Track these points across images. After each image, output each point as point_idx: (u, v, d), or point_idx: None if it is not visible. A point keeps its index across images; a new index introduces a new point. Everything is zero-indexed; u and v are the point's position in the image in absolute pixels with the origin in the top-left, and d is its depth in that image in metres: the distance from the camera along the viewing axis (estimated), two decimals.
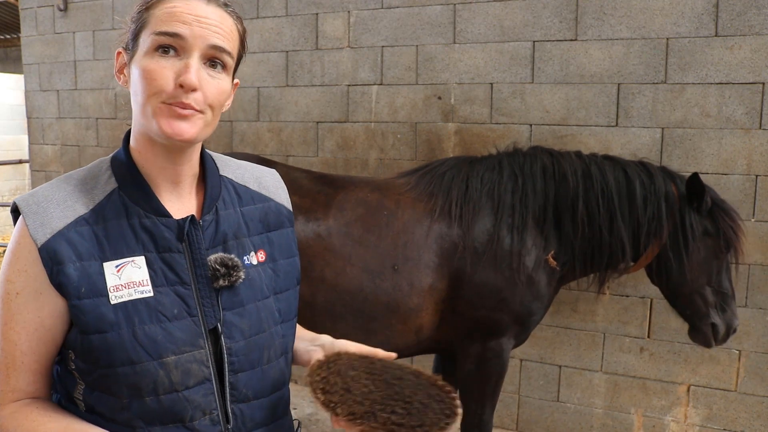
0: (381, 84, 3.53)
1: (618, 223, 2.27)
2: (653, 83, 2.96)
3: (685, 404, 3.06)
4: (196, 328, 0.95)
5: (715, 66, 2.85)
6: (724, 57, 2.83)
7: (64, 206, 0.94)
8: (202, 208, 1.01)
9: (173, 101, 0.90)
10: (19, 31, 5.29)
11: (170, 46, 0.90)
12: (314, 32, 3.72)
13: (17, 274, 0.92)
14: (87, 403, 0.95)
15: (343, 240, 2.30)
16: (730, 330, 2.32)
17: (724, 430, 3.00)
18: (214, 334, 0.97)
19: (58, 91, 4.82)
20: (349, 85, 3.64)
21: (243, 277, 0.99)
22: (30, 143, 5.05)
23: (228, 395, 0.97)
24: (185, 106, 0.90)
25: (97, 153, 4.66)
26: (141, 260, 0.93)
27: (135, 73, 0.93)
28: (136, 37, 0.94)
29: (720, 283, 2.30)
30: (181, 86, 0.89)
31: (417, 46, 3.44)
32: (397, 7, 3.46)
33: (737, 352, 2.94)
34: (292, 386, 3.96)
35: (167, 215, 0.96)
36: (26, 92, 5.01)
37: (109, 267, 0.92)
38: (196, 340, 0.95)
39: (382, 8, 3.50)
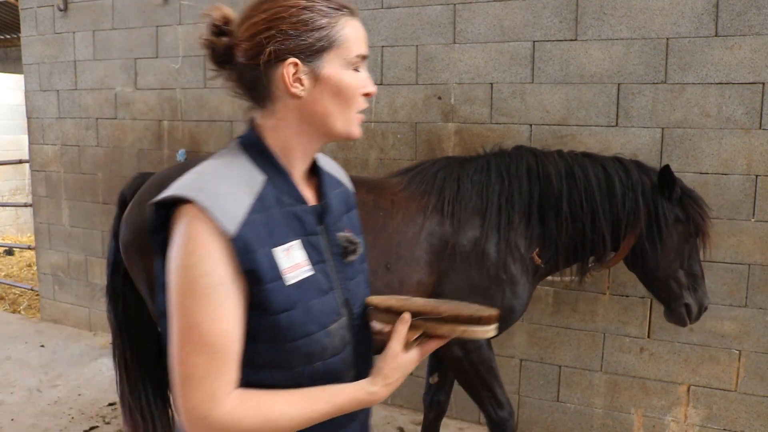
0: (381, 84, 3.53)
1: (600, 220, 2.40)
2: (653, 83, 2.96)
3: (685, 404, 3.06)
4: (338, 299, 1.09)
5: (715, 66, 2.85)
6: (724, 57, 2.83)
7: (234, 198, 0.98)
8: (318, 194, 1.15)
9: (361, 109, 1.09)
10: (19, 31, 5.28)
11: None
12: None
13: (214, 266, 0.94)
14: (248, 381, 1.01)
15: None
16: (701, 309, 2.49)
17: (724, 430, 3.00)
18: (345, 303, 1.11)
19: (58, 91, 4.82)
20: None
21: (360, 251, 1.16)
22: (30, 143, 5.06)
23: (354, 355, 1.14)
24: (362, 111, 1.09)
25: (96, 153, 4.66)
26: (298, 244, 1.04)
27: (332, 85, 1.04)
28: (320, 52, 1.03)
29: (691, 265, 2.47)
30: (367, 95, 1.08)
31: (417, 46, 3.44)
32: (397, 7, 3.46)
33: (737, 352, 2.95)
34: None
35: (306, 202, 1.09)
36: (26, 92, 5.01)
37: (279, 252, 1.01)
38: (340, 309, 1.09)
39: (382, 8, 3.50)
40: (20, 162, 5.87)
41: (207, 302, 0.94)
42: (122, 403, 2.83)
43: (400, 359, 1.04)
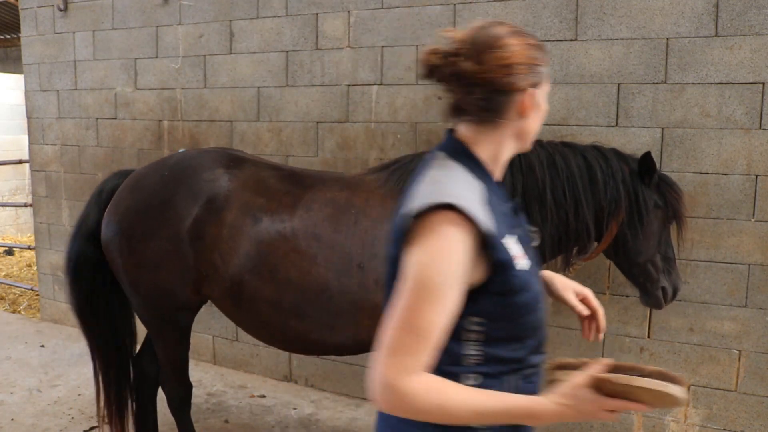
0: (381, 84, 3.53)
1: (583, 208, 2.43)
2: (653, 83, 2.96)
3: (685, 404, 3.06)
4: (541, 282, 1.31)
5: (715, 66, 2.85)
6: (724, 57, 2.83)
7: (475, 203, 1.15)
8: None
9: None
10: (19, 31, 5.29)
11: None
12: (314, 32, 3.72)
13: (454, 266, 1.11)
14: (483, 354, 1.20)
15: (308, 242, 2.35)
16: (676, 291, 2.57)
17: (724, 430, 3.00)
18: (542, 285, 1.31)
19: (58, 91, 4.82)
20: (349, 85, 3.64)
21: (537, 242, 1.39)
22: (30, 143, 5.06)
23: None
24: None
25: (96, 153, 4.66)
26: (514, 237, 1.22)
27: (542, 110, 1.27)
28: (539, 84, 1.25)
29: (666, 249, 2.53)
30: None
31: (417, 46, 3.44)
32: (397, 7, 3.46)
33: (737, 352, 2.95)
34: (292, 386, 3.96)
35: (508, 203, 1.31)
36: (26, 92, 5.01)
37: (508, 242, 1.19)
38: (543, 293, 1.32)
39: (382, 8, 3.50)
40: (20, 162, 5.88)
41: (432, 296, 1.10)
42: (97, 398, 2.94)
43: (579, 390, 1.12)
